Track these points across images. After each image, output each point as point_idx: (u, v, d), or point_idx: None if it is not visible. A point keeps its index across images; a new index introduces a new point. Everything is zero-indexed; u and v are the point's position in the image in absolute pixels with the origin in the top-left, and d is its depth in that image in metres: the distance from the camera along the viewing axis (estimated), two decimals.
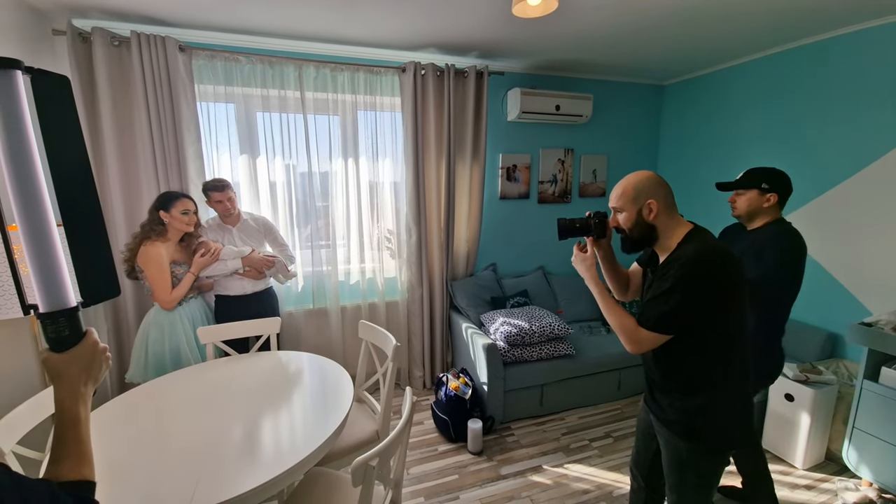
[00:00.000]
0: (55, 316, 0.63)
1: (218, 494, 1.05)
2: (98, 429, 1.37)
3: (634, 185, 1.17)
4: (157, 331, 1.93)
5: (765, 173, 1.63)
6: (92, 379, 0.66)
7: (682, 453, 1.23)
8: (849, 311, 2.38)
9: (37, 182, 0.61)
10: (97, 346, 0.67)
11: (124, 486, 1.12)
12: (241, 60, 2.42)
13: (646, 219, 1.17)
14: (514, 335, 2.50)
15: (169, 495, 1.07)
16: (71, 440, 0.61)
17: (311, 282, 2.78)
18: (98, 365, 0.67)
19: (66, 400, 0.62)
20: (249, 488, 1.07)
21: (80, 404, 0.63)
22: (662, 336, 1.13)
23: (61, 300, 0.63)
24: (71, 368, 0.64)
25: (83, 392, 0.64)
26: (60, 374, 0.63)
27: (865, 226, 2.33)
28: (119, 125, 2.26)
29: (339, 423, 1.37)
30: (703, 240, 1.14)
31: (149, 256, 1.88)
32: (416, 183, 2.82)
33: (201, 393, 1.61)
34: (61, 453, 0.60)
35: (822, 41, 2.48)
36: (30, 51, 2.04)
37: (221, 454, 1.23)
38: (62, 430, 0.61)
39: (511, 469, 2.18)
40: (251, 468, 1.16)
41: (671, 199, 1.18)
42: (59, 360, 0.63)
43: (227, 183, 2.15)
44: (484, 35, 2.46)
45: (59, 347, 0.64)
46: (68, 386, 0.63)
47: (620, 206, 1.20)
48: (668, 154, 3.65)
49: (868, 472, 1.92)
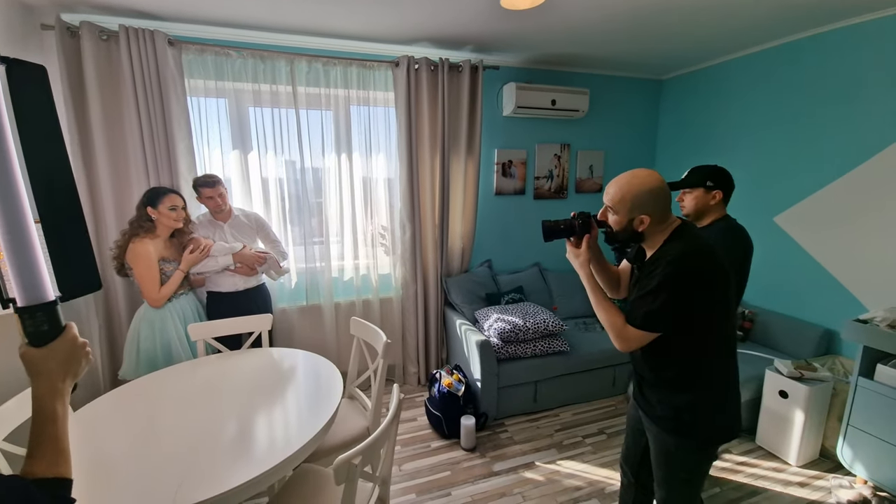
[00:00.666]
0: (33, 310, 0.62)
1: (204, 491, 1.04)
2: (88, 424, 1.37)
3: (633, 197, 1.13)
4: (148, 328, 1.92)
5: (708, 171, 1.67)
6: (71, 374, 0.65)
7: (671, 449, 1.23)
8: (845, 308, 2.36)
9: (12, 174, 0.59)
10: (76, 342, 0.66)
11: (111, 481, 1.12)
12: (232, 55, 2.39)
13: (636, 228, 1.16)
14: (508, 332, 2.49)
15: (154, 491, 1.06)
16: (48, 437, 0.60)
17: (304, 278, 2.77)
18: (77, 360, 0.66)
19: (44, 396, 0.61)
20: (236, 485, 1.07)
21: (58, 400, 0.62)
22: (650, 334, 1.13)
23: (39, 294, 0.62)
24: (49, 363, 0.62)
25: (61, 388, 0.63)
26: (38, 369, 0.62)
27: (863, 221, 2.31)
28: (108, 120, 2.24)
29: (327, 419, 1.37)
30: (689, 236, 1.14)
31: (136, 253, 1.87)
32: (410, 179, 2.80)
33: (191, 389, 1.61)
34: (38, 450, 0.59)
35: (821, 34, 2.44)
36: (18, 45, 2.02)
37: (209, 450, 1.22)
38: (39, 426, 0.60)
39: (504, 465, 2.18)
40: (238, 464, 1.16)
41: (668, 208, 1.15)
42: (37, 355, 0.62)
43: (217, 179, 2.13)
44: (478, 28, 2.43)
45: (37, 342, 0.63)
46: (46, 381, 0.62)
47: (615, 208, 1.17)
48: (666, 149, 3.62)
49: (862, 470, 1.91)
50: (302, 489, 1.43)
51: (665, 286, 1.07)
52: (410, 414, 2.66)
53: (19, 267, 0.60)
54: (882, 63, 2.19)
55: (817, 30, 2.44)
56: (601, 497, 1.96)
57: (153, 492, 1.06)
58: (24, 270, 0.60)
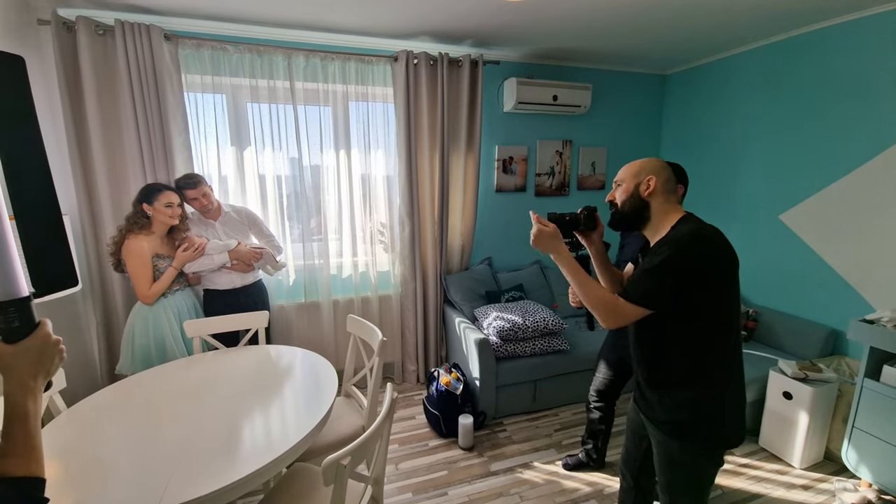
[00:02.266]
0: (4, 306, 0.61)
1: (195, 489, 1.03)
2: (84, 419, 1.37)
3: (640, 163, 1.21)
4: (142, 323, 1.91)
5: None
6: (43, 372, 0.64)
7: (674, 453, 1.19)
8: (851, 307, 2.31)
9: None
10: (49, 339, 0.65)
11: (104, 475, 1.12)
12: (229, 49, 2.37)
13: (641, 194, 1.17)
14: (507, 330, 2.46)
15: (146, 486, 1.05)
16: (19, 435, 0.59)
17: (302, 275, 2.75)
18: (50, 358, 0.65)
19: (15, 393, 0.61)
20: (228, 482, 1.06)
21: (30, 398, 0.61)
22: (643, 310, 1.09)
23: (11, 290, 0.61)
24: (20, 360, 0.62)
25: (32, 386, 0.62)
26: (9, 366, 0.61)
27: (871, 219, 2.25)
28: (105, 115, 2.23)
29: (320, 418, 1.36)
30: (695, 221, 1.11)
31: (129, 250, 1.86)
32: (409, 175, 2.77)
33: (186, 386, 1.60)
34: (9, 449, 0.58)
35: (829, 28, 2.38)
36: (15, 41, 2.01)
37: (202, 447, 1.21)
38: (10, 424, 0.60)
39: (501, 465, 2.15)
40: (231, 462, 1.15)
41: (672, 185, 1.18)
42: (8, 352, 0.61)
43: (199, 179, 2.07)
44: (478, 22, 2.39)
45: (9, 338, 0.62)
46: (17, 379, 0.61)
47: (621, 179, 1.22)
48: (671, 145, 3.56)
49: (867, 473, 1.87)
50: (296, 487, 1.42)
51: (668, 263, 1.05)
52: (408, 412, 2.65)
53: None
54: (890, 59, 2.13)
55: (825, 23, 2.38)
56: (600, 498, 1.93)
57: (144, 487, 1.05)
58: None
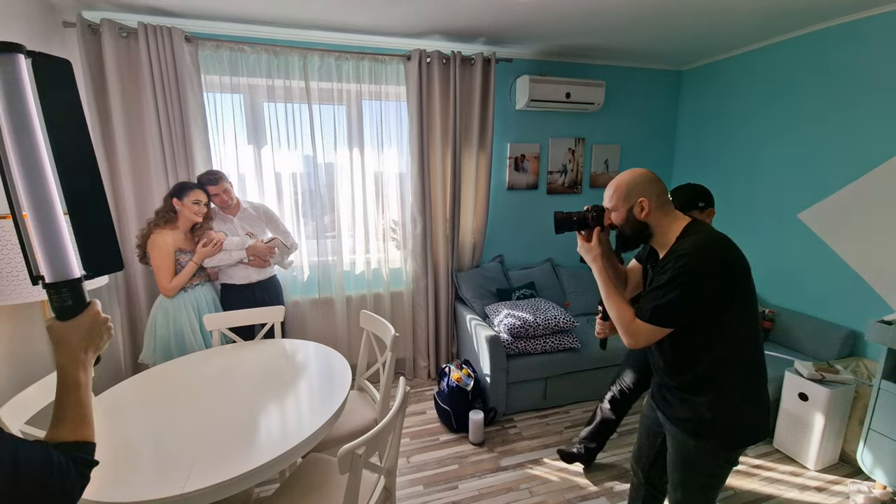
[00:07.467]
0: (59, 286, 0.67)
1: (216, 475, 1.08)
2: (109, 407, 1.43)
3: (626, 183, 1.16)
4: (163, 315, 1.98)
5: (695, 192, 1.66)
6: (93, 346, 0.70)
7: (691, 452, 1.19)
8: (870, 308, 2.26)
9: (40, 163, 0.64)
10: (99, 317, 0.71)
11: (129, 461, 1.17)
12: (246, 50, 2.42)
13: (637, 217, 1.15)
14: (518, 327, 2.48)
15: (169, 471, 1.11)
16: (71, 403, 0.65)
17: (316, 272, 2.81)
18: (99, 334, 0.71)
19: (68, 365, 0.66)
20: (245, 470, 1.10)
21: (80, 369, 0.67)
22: (659, 329, 1.10)
23: (65, 272, 0.67)
24: (72, 335, 0.67)
25: (83, 358, 0.68)
26: (63, 340, 0.67)
27: (892, 218, 2.20)
28: (129, 114, 2.31)
29: (335, 410, 1.40)
30: (702, 232, 1.10)
31: (154, 243, 1.94)
32: (421, 173, 2.79)
33: (207, 377, 1.66)
34: (62, 416, 0.64)
35: (854, 22, 2.32)
36: (42, 43, 2.08)
37: (221, 436, 1.27)
38: (63, 393, 0.65)
39: (511, 461, 2.18)
40: (249, 450, 1.20)
41: (665, 196, 1.16)
42: (62, 328, 0.67)
43: (220, 175, 2.14)
44: (490, 19, 2.40)
45: (63, 316, 0.68)
46: (70, 352, 0.67)
47: (613, 206, 1.20)
48: (686, 142, 3.51)
49: (883, 476, 1.84)
50: (311, 476, 1.46)
51: (677, 280, 1.04)
52: (420, 407, 2.69)
53: (47, 247, 0.66)
54: None
55: (846, 18, 2.32)
56: (610, 495, 1.94)
57: (168, 472, 1.11)
58: (51, 251, 0.66)
